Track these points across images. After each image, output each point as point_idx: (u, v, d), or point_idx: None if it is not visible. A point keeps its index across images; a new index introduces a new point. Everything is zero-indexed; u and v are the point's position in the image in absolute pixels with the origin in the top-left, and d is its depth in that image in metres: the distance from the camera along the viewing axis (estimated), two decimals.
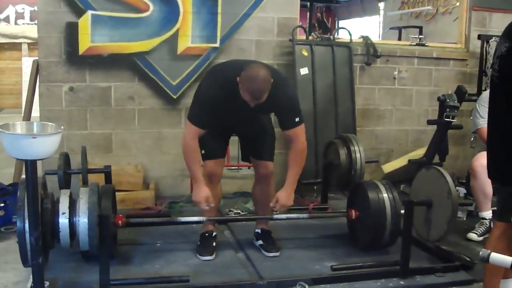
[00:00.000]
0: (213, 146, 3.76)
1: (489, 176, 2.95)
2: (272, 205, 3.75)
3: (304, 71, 5.48)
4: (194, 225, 4.14)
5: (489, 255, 2.15)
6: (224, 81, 3.52)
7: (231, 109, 3.59)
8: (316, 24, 6.62)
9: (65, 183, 4.06)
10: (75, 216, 3.28)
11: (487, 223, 4.33)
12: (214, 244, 3.93)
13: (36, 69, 5.09)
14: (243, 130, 3.93)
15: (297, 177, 3.77)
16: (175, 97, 5.33)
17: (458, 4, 7.41)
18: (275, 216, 4.03)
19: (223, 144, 3.98)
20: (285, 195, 3.72)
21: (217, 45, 5.32)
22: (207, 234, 3.96)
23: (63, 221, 3.24)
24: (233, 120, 3.78)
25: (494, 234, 2.92)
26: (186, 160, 3.67)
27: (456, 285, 3.54)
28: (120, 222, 3.64)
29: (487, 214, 4.33)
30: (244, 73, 3.38)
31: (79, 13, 4.96)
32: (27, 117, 5.21)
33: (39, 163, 2.70)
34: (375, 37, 9.96)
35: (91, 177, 4.08)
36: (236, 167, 5.48)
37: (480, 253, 2.18)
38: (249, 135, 3.94)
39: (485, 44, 5.94)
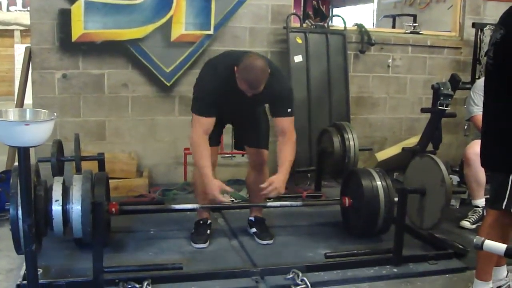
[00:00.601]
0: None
1: (482, 164, 2.96)
2: (264, 185, 3.59)
3: (298, 58, 5.46)
4: (188, 212, 4.14)
5: (483, 242, 2.15)
6: (221, 71, 3.53)
7: (228, 99, 3.59)
8: (310, 12, 6.60)
9: (58, 171, 4.04)
10: (68, 203, 3.27)
11: (480, 211, 4.34)
12: (208, 231, 3.93)
13: (29, 56, 5.06)
14: (238, 119, 3.93)
15: (290, 167, 3.71)
16: (168, 84, 5.30)
17: None
18: (269, 204, 4.03)
19: (218, 133, 3.97)
20: (281, 180, 3.59)
21: (211, 32, 5.30)
22: (201, 222, 3.96)
23: (56, 208, 3.23)
24: (229, 110, 3.77)
25: (487, 221, 2.94)
26: (195, 156, 3.66)
27: (449, 273, 3.55)
28: (113, 209, 3.64)
29: (480, 202, 4.35)
30: (242, 63, 3.39)
31: None
32: (20, 104, 5.18)
33: (32, 150, 2.67)
34: (369, 25, 9.92)
35: (84, 165, 4.06)
36: (230, 155, 5.48)
37: (474, 240, 2.19)
38: (244, 124, 3.94)
39: (479, 32, 5.94)
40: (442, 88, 4.51)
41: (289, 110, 3.64)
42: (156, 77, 5.26)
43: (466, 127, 5.20)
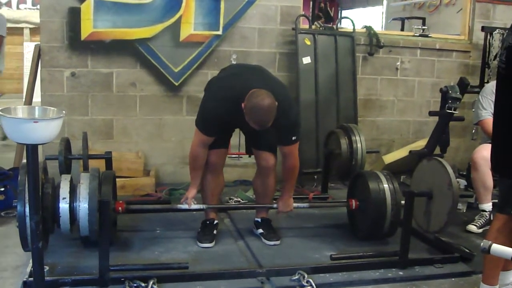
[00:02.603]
0: (217, 137, 3.75)
1: (492, 168, 2.95)
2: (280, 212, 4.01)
3: (306, 60, 5.46)
4: (194, 212, 4.14)
5: (490, 246, 2.15)
6: (227, 102, 3.54)
7: (235, 120, 3.65)
8: (320, 14, 6.63)
9: (65, 168, 4.05)
10: (75, 201, 3.28)
11: (487, 215, 4.33)
12: (214, 232, 3.94)
13: (38, 54, 5.08)
14: (246, 127, 3.92)
15: (293, 186, 4.02)
16: (177, 84, 5.31)
17: None
18: (275, 206, 4.03)
19: (226, 136, 3.98)
20: (284, 203, 3.96)
21: (219, 32, 5.30)
22: (208, 222, 3.97)
23: (64, 206, 3.24)
24: (237, 123, 3.81)
25: (495, 226, 2.92)
26: (190, 164, 3.87)
27: (455, 277, 3.54)
28: (120, 208, 3.65)
29: (487, 206, 4.33)
30: (249, 103, 3.38)
31: None
32: (29, 102, 5.20)
33: (39, 148, 2.68)
34: (378, 28, 9.89)
35: (92, 163, 4.07)
36: (237, 155, 5.47)
37: (481, 244, 2.19)
38: (252, 131, 3.92)
39: (488, 36, 5.91)
40: (450, 92, 4.48)
41: (293, 138, 3.67)
42: (165, 77, 5.27)
43: (474, 131, 5.19)
